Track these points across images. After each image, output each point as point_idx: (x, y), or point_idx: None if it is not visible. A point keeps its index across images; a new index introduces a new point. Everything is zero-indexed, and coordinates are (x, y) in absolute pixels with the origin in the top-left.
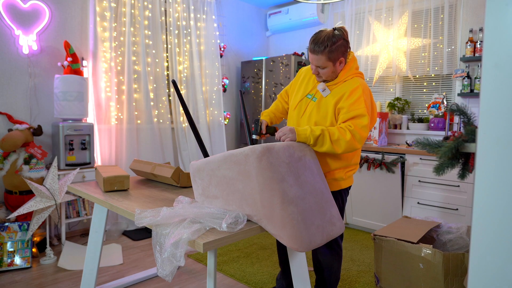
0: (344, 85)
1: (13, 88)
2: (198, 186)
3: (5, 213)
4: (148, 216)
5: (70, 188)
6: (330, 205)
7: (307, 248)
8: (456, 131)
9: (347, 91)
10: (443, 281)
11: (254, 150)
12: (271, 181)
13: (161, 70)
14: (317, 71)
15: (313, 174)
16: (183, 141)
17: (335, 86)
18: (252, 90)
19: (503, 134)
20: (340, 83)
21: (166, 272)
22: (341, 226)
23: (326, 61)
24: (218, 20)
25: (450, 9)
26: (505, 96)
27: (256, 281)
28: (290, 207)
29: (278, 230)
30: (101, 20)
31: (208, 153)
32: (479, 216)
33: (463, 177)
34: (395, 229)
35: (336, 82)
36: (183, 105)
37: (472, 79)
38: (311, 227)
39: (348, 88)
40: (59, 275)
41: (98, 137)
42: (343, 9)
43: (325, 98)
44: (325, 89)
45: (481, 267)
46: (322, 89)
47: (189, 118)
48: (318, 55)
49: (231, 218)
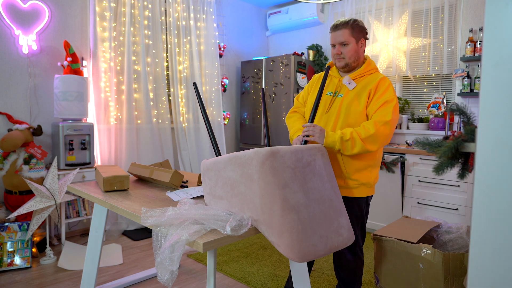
0: (370, 77)
1: (13, 88)
2: (206, 185)
3: (5, 213)
4: (154, 216)
5: (70, 188)
6: (339, 214)
7: (305, 258)
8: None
9: (374, 80)
10: (443, 281)
11: (257, 153)
12: (272, 187)
13: (161, 70)
14: (339, 50)
15: (322, 180)
16: (183, 141)
17: (361, 78)
18: (252, 90)
19: (503, 133)
20: (366, 75)
21: (166, 278)
22: (349, 237)
23: (350, 36)
24: (218, 20)
25: (450, 9)
26: (504, 96)
27: (256, 281)
28: (290, 215)
29: (276, 237)
30: (100, 20)
31: (220, 153)
32: (478, 216)
33: (463, 177)
34: (395, 229)
35: (362, 74)
36: (202, 108)
37: (472, 78)
38: (313, 237)
39: (376, 78)
40: (59, 275)
41: (98, 137)
42: (343, 9)
43: (353, 90)
44: (351, 82)
45: (481, 267)
46: (348, 82)
47: (206, 119)
48: (341, 29)
49: (235, 221)
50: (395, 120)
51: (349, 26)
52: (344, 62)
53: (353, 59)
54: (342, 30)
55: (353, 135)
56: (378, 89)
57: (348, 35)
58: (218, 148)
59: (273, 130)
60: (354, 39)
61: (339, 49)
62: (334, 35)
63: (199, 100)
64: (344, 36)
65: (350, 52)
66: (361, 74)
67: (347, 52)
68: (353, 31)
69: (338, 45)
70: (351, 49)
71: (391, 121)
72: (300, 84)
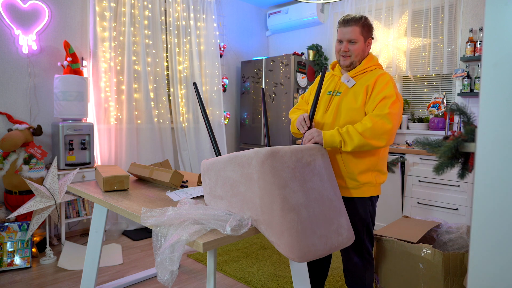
0: (370, 74)
1: (13, 88)
2: (206, 185)
3: (5, 213)
4: (154, 216)
5: (70, 188)
6: (339, 214)
7: (305, 258)
8: (456, 131)
9: (373, 77)
10: (443, 281)
11: (257, 153)
12: (272, 187)
13: (161, 70)
14: (347, 47)
15: (322, 180)
16: (183, 141)
17: (362, 75)
18: (252, 90)
19: (503, 133)
20: (368, 72)
21: (166, 278)
22: (349, 237)
23: (359, 34)
24: (218, 20)
25: (450, 8)
26: (504, 96)
27: (256, 281)
28: (290, 215)
29: (276, 237)
30: (100, 20)
31: (220, 153)
32: (479, 216)
33: (463, 177)
34: (395, 229)
35: (363, 70)
36: (202, 108)
37: (472, 78)
38: (313, 237)
39: (375, 75)
40: (59, 275)
41: (98, 137)
42: (343, 9)
43: (352, 88)
44: (350, 80)
45: (481, 267)
46: (346, 80)
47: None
48: (352, 26)
49: (235, 221)
50: (395, 114)
51: (360, 24)
52: (349, 61)
53: (359, 58)
54: (352, 27)
55: (349, 129)
56: (376, 85)
57: (358, 33)
58: (218, 148)
59: (273, 130)
60: (363, 38)
61: (347, 46)
62: (343, 30)
63: (199, 100)
64: (354, 33)
65: (357, 50)
66: (362, 70)
67: (354, 50)
68: (363, 30)
69: (346, 42)
70: (359, 47)
71: (389, 115)
72: (300, 84)
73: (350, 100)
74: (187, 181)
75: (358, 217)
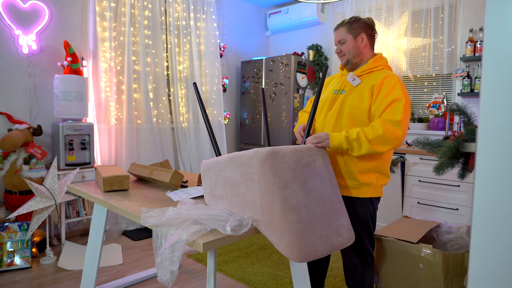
0: (377, 74)
1: (13, 88)
2: (206, 185)
3: (5, 213)
4: (154, 216)
5: (70, 188)
6: (339, 215)
7: (305, 258)
8: (456, 131)
9: (379, 77)
10: (443, 281)
11: (258, 153)
12: (272, 187)
13: (161, 70)
14: (339, 48)
15: (322, 180)
16: (183, 141)
17: (367, 75)
18: (252, 90)
19: (503, 133)
20: (375, 71)
21: (166, 278)
22: (349, 237)
23: (346, 33)
24: (218, 20)
25: (450, 8)
26: (505, 96)
27: (256, 281)
28: (290, 215)
29: (276, 237)
30: (101, 20)
31: (220, 153)
32: (479, 216)
33: (463, 177)
34: (395, 229)
35: (369, 69)
36: (202, 108)
37: (472, 78)
38: (313, 237)
39: (381, 75)
40: (59, 275)
41: (98, 137)
42: (343, 9)
43: (356, 86)
44: (355, 79)
45: (481, 267)
46: (352, 79)
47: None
48: (338, 28)
49: (235, 221)
50: (405, 121)
51: (345, 24)
52: (345, 59)
53: (353, 55)
54: (338, 29)
55: (359, 135)
56: (383, 87)
57: (344, 33)
58: (218, 148)
59: (273, 130)
60: (351, 35)
61: (339, 47)
62: (334, 35)
63: (199, 100)
64: (340, 34)
65: (348, 48)
66: (368, 70)
67: (345, 48)
68: (350, 28)
69: (338, 43)
70: (349, 45)
71: (401, 122)
72: (300, 84)
73: (354, 98)
74: (187, 181)
75: (357, 217)
